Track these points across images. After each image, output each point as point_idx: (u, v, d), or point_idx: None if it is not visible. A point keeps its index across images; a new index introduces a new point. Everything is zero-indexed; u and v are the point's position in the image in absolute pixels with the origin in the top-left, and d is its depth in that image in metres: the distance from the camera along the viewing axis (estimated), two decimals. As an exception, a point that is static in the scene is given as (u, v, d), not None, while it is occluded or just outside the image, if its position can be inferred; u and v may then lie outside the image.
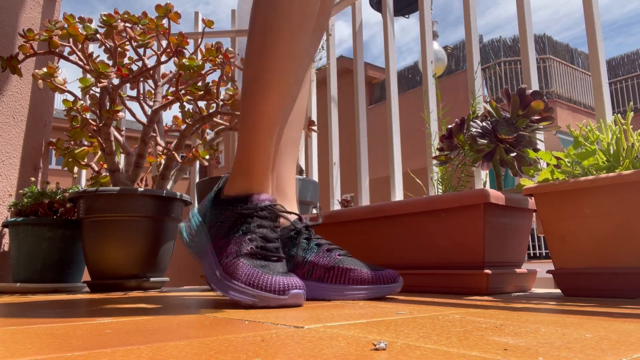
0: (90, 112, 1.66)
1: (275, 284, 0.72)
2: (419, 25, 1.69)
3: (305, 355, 0.35)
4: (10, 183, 1.80)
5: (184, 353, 0.37)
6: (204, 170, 12.76)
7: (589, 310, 0.65)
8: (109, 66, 1.53)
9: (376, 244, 1.20)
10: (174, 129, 1.88)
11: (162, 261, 1.58)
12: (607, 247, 0.85)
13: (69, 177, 2.18)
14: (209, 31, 1.94)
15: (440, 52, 6.90)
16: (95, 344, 0.42)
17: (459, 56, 10.34)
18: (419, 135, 1.55)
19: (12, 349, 0.40)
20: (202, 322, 0.58)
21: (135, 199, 1.50)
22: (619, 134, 0.88)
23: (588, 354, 0.35)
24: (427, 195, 1.26)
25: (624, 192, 0.83)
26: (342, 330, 0.48)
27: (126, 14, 1.57)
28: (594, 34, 1.25)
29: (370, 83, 12.20)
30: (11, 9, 1.87)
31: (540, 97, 1.10)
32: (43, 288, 1.53)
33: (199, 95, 1.65)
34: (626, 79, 10.07)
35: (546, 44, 9.24)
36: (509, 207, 1.04)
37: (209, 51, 1.63)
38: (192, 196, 2.18)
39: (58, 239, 1.58)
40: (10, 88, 1.83)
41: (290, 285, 0.73)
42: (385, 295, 0.88)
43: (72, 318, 0.65)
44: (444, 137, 1.22)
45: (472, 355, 0.34)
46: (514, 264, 1.09)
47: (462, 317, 0.58)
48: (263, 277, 0.74)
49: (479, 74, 1.49)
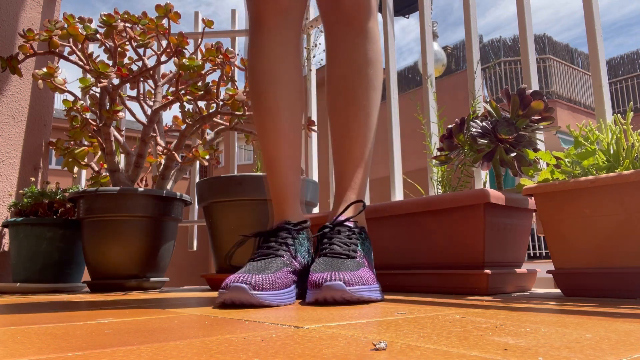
0: (90, 112, 1.65)
1: (226, 281, 0.77)
2: (419, 26, 1.69)
3: (305, 355, 0.35)
4: (10, 183, 1.80)
5: (184, 353, 0.37)
6: (204, 170, 12.76)
7: (589, 310, 0.65)
8: (109, 66, 1.53)
9: (376, 244, 1.20)
10: (174, 129, 1.88)
11: (162, 261, 1.58)
12: (607, 247, 0.85)
13: (69, 177, 2.18)
14: (209, 31, 1.94)
15: (439, 52, 6.90)
16: (95, 344, 0.42)
17: (459, 56, 10.34)
18: (419, 136, 1.55)
19: (12, 349, 0.40)
20: (202, 322, 0.58)
21: (135, 199, 1.50)
22: (619, 134, 0.88)
23: (588, 354, 0.35)
24: (427, 195, 1.26)
25: (624, 192, 0.83)
26: (342, 330, 0.48)
27: (126, 14, 1.57)
28: (594, 34, 1.25)
29: (370, 83, 12.17)
30: (11, 9, 1.87)
31: (540, 97, 1.10)
32: (43, 288, 1.53)
33: (199, 95, 1.65)
34: (626, 79, 10.07)
35: (546, 44, 9.24)
36: (509, 207, 1.04)
37: (209, 51, 1.63)
38: (192, 196, 2.17)
39: (58, 239, 1.58)
40: (10, 88, 1.83)
41: (231, 279, 0.76)
42: (315, 302, 0.79)
43: (72, 318, 0.65)
44: (444, 137, 1.22)
45: (472, 355, 0.34)
46: (514, 264, 1.09)
47: (462, 317, 0.58)
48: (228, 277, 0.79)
49: (479, 74, 1.49)
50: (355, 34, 0.99)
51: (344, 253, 0.86)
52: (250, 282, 0.75)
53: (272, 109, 0.95)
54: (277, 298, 0.78)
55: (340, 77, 1.01)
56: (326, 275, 0.77)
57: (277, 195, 0.96)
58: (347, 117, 1.00)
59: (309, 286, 0.79)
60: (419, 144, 2.04)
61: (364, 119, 1.00)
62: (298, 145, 0.99)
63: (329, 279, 0.76)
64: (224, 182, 1.53)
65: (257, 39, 0.96)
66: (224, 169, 12.10)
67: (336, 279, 0.76)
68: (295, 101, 0.98)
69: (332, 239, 0.89)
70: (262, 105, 0.96)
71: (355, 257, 0.86)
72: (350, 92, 1.00)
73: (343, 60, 1.01)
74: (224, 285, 0.77)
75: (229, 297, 0.75)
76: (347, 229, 0.90)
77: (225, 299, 0.76)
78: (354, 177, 0.98)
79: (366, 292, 0.78)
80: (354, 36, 0.99)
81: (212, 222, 1.58)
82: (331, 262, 0.83)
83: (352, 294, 0.76)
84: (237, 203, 1.50)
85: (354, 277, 0.77)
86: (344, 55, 1.00)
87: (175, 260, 1.70)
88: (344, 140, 1.00)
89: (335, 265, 0.81)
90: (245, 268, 0.82)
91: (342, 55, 1.01)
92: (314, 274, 0.80)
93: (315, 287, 0.77)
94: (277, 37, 0.95)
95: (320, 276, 0.78)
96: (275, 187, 0.97)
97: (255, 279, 0.76)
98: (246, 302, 0.75)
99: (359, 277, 0.78)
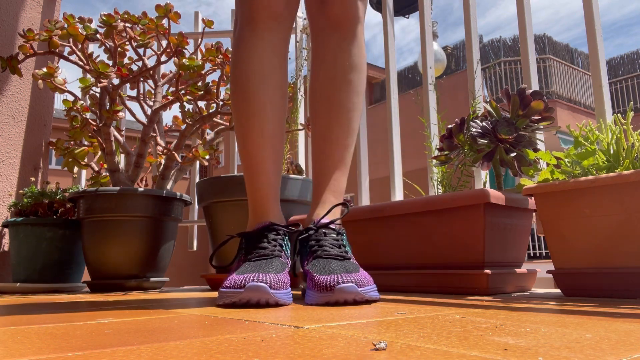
0: (90, 112, 1.65)
1: (236, 281, 0.76)
2: (419, 26, 1.69)
3: (305, 355, 0.35)
4: (10, 183, 1.80)
5: (184, 353, 0.37)
6: (204, 170, 12.77)
7: (589, 310, 0.65)
8: (109, 66, 1.53)
9: (376, 244, 1.20)
10: (174, 129, 1.88)
11: (162, 261, 1.58)
12: (607, 247, 0.85)
13: (69, 177, 2.18)
14: (209, 31, 1.94)
15: (439, 52, 6.90)
16: (95, 344, 0.42)
17: (459, 56, 10.34)
18: (419, 136, 1.55)
19: (12, 349, 0.40)
20: (202, 322, 0.58)
21: (135, 199, 1.50)
22: (619, 134, 0.88)
23: (588, 354, 0.35)
24: (427, 195, 1.26)
25: (624, 192, 0.83)
26: (342, 330, 0.48)
27: (126, 14, 1.57)
28: (594, 34, 1.25)
29: (370, 83, 12.20)
30: (11, 9, 1.87)
31: (540, 97, 1.10)
32: (43, 288, 1.53)
33: (199, 95, 1.65)
34: (626, 79, 10.07)
35: (546, 44, 9.24)
36: (509, 207, 1.04)
37: (209, 51, 1.63)
38: (192, 196, 2.17)
39: (58, 239, 1.58)
40: (10, 88, 1.83)
41: (247, 279, 0.75)
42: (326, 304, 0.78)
43: (72, 318, 0.65)
44: (444, 137, 1.22)
45: (472, 355, 0.34)
46: (514, 264, 1.09)
47: (462, 317, 0.58)
48: (232, 277, 0.78)
49: (479, 74, 1.49)
50: (341, 38, 1.01)
51: (339, 255, 0.86)
52: (268, 282, 0.75)
53: (259, 110, 0.95)
54: (288, 297, 0.79)
55: (324, 80, 1.02)
56: (337, 278, 0.77)
57: (261, 196, 0.96)
58: (330, 120, 1.01)
59: (316, 288, 0.78)
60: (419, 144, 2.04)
61: (346, 123, 1.01)
62: (281, 149, 0.99)
63: (341, 281, 0.76)
64: (224, 182, 1.53)
65: (249, 39, 0.96)
66: (224, 169, 12.10)
67: (348, 280, 0.76)
68: (283, 105, 0.99)
69: (320, 241, 0.89)
70: (250, 105, 0.95)
71: (350, 259, 0.87)
72: (334, 96, 1.01)
73: (329, 64, 1.02)
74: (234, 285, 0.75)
75: (247, 297, 0.74)
76: (332, 231, 0.91)
77: (241, 299, 0.74)
78: (334, 180, 1.00)
79: (372, 292, 0.79)
80: (341, 41, 1.01)
81: (212, 222, 1.58)
82: (330, 264, 0.83)
83: (363, 295, 0.77)
84: (237, 203, 1.50)
85: (360, 278, 0.78)
86: (330, 60, 1.02)
87: (175, 260, 1.70)
88: (325, 144, 1.01)
89: (340, 267, 0.81)
90: (247, 267, 0.82)
91: (328, 60, 1.02)
92: (319, 276, 0.80)
93: (326, 289, 0.76)
94: (269, 39, 0.96)
95: (330, 278, 0.77)
96: (257, 188, 0.96)
97: (270, 278, 0.76)
98: (269, 301, 0.75)
99: (364, 278, 0.79)
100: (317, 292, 0.78)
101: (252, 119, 0.95)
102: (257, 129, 0.95)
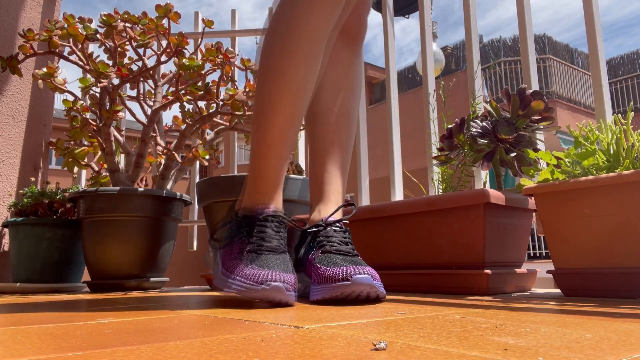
0: (90, 112, 1.65)
1: (256, 275, 0.74)
2: (419, 26, 1.69)
3: (305, 355, 0.35)
4: (10, 183, 1.80)
5: (184, 353, 0.37)
6: (204, 170, 12.76)
7: (589, 310, 0.65)
8: (109, 66, 1.53)
9: (376, 244, 1.20)
10: (174, 129, 1.88)
11: (162, 261, 1.58)
12: (607, 247, 0.85)
13: (69, 177, 2.18)
14: (209, 31, 1.94)
15: (438, 53, 6.90)
16: (95, 344, 0.42)
17: (459, 56, 10.34)
18: (419, 135, 1.55)
19: (12, 349, 0.40)
20: (202, 322, 0.58)
21: (135, 199, 1.50)
22: (619, 134, 0.88)
23: (588, 354, 0.35)
24: (427, 195, 1.26)
25: (624, 192, 0.83)
26: (342, 330, 0.48)
27: (126, 14, 1.57)
28: (594, 34, 1.25)
29: (370, 83, 12.20)
30: (11, 9, 1.87)
31: (540, 97, 1.10)
32: (43, 288, 1.53)
33: (199, 95, 1.65)
34: (626, 79, 10.07)
35: (546, 44, 9.24)
36: (509, 207, 1.04)
37: (209, 51, 1.63)
38: (192, 196, 2.17)
39: (58, 239, 1.58)
40: (10, 88, 1.83)
41: (272, 277, 0.74)
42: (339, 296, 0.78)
43: (72, 318, 0.65)
44: (444, 137, 1.22)
45: (472, 355, 0.34)
46: (514, 264, 1.09)
47: (462, 317, 0.58)
48: (248, 269, 0.77)
49: (479, 74, 1.49)
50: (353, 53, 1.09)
51: (349, 252, 0.86)
52: (290, 283, 0.75)
53: (304, 81, 0.88)
54: (296, 297, 0.79)
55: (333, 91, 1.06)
56: (353, 269, 0.76)
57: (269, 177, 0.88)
58: (338, 126, 1.05)
59: (327, 281, 0.78)
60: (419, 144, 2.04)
61: (350, 129, 1.08)
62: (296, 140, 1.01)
63: (357, 272, 0.75)
64: (224, 182, 1.53)
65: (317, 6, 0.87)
66: (224, 169, 12.10)
67: (364, 272, 0.76)
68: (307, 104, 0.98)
69: (330, 237, 0.89)
70: (288, 85, 0.87)
71: (358, 256, 0.87)
72: (343, 105, 1.06)
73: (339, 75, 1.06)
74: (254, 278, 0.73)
75: (270, 296, 0.73)
76: (340, 229, 0.92)
77: (263, 297, 0.73)
78: (339, 182, 1.03)
79: (382, 288, 0.80)
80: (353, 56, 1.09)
81: (212, 222, 1.58)
82: (341, 258, 0.83)
83: (377, 288, 0.77)
84: (237, 203, 1.50)
85: (373, 272, 0.78)
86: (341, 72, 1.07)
87: (175, 260, 1.70)
88: (333, 147, 1.04)
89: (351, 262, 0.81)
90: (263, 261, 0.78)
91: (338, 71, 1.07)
92: (331, 268, 0.79)
93: (342, 279, 0.76)
94: (332, 22, 0.91)
95: (345, 269, 0.76)
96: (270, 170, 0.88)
97: (291, 279, 0.76)
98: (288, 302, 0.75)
99: (375, 273, 0.79)
100: (328, 284, 0.78)
101: (285, 99, 0.87)
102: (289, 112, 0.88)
